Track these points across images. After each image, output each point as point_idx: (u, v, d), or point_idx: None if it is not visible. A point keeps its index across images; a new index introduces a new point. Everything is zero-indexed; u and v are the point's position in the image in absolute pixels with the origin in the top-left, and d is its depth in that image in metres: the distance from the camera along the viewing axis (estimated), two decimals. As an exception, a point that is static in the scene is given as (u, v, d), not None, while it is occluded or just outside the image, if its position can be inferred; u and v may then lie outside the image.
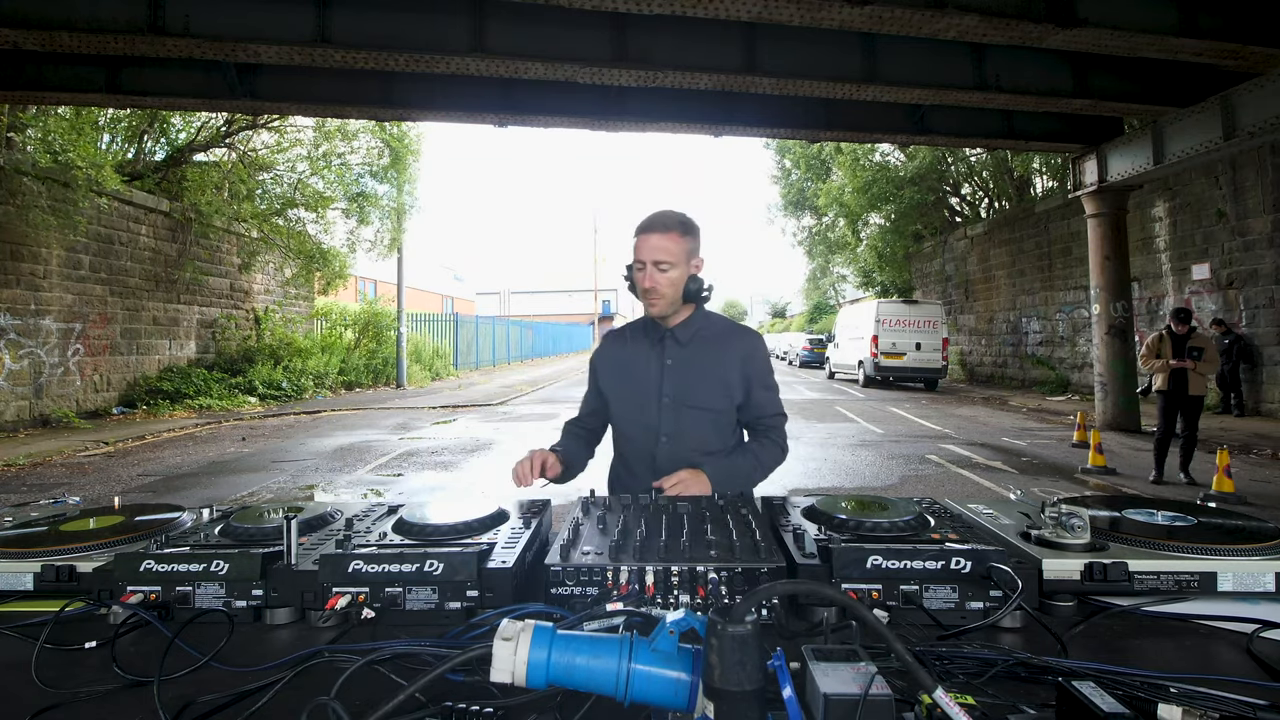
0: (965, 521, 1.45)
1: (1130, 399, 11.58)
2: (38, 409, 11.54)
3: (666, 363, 1.91)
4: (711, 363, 1.91)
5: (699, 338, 1.93)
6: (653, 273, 1.80)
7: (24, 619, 1.18)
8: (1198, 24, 7.22)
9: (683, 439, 1.88)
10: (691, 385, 1.89)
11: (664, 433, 1.89)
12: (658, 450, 1.89)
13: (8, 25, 6.90)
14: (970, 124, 10.91)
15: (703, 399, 1.90)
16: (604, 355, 2.07)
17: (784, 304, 73.26)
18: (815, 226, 31.96)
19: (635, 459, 1.93)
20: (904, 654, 0.66)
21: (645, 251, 1.80)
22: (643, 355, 1.96)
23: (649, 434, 1.90)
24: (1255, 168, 11.83)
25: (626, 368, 1.98)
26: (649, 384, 1.92)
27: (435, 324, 26.64)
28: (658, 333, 1.95)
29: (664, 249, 1.80)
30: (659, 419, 1.89)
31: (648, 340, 1.97)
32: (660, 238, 1.80)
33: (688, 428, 1.89)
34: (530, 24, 7.78)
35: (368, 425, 12.58)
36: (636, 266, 1.83)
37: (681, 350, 1.91)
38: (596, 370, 2.08)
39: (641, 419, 1.92)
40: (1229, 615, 1.15)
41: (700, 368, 1.91)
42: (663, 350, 1.92)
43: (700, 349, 1.92)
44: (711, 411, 1.91)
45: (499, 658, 0.77)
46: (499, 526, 1.42)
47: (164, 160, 15.49)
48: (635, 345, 1.99)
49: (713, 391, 1.90)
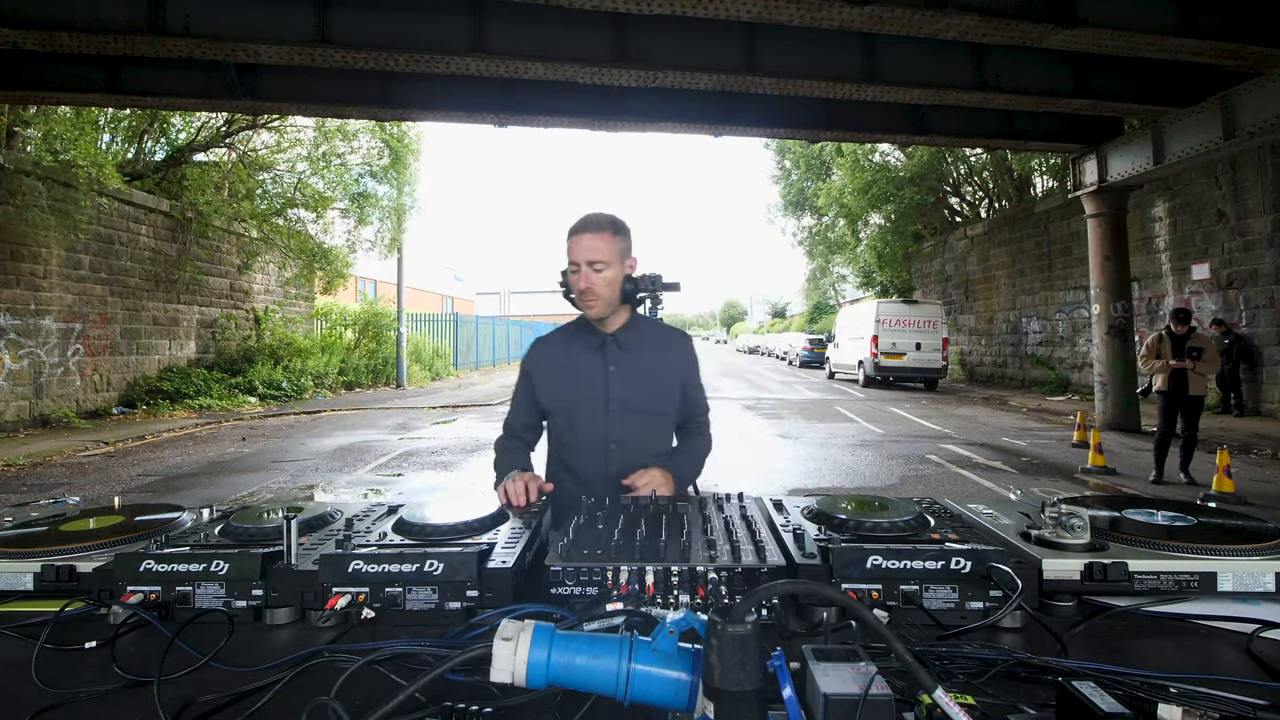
0: (965, 521, 1.45)
1: (1130, 399, 11.58)
2: (38, 409, 11.54)
3: (610, 369, 1.89)
4: (654, 367, 1.92)
5: (639, 342, 1.92)
6: (588, 273, 1.79)
7: (24, 619, 1.18)
8: (1198, 24, 7.22)
9: (632, 444, 1.87)
10: (637, 390, 1.89)
11: (613, 439, 1.87)
12: (609, 457, 1.86)
13: (8, 25, 6.90)
14: (970, 124, 10.91)
15: (650, 404, 1.91)
16: (539, 363, 1.98)
17: (784, 304, 73.23)
18: (815, 226, 31.97)
19: (585, 468, 1.88)
20: (904, 654, 0.66)
21: (579, 253, 1.79)
22: (584, 361, 1.91)
23: (599, 442, 1.87)
24: (1255, 168, 11.82)
25: (568, 375, 1.92)
26: (595, 391, 1.88)
27: (435, 324, 26.64)
28: (597, 338, 1.91)
29: (597, 249, 1.78)
30: (608, 426, 1.87)
31: (586, 346, 1.92)
32: (592, 238, 1.78)
33: (637, 433, 1.88)
34: (530, 24, 7.78)
35: (368, 425, 12.59)
36: (571, 269, 1.81)
37: (624, 355, 1.90)
38: (533, 379, 1.97)
39: (590, 427, 1.88)
40: (1229, 615, 1.15)
41: (644, 372, 1.90)
42: (605, 356, 1.89)
43: (641, 354, 1.91)
44: (659, 415, 1.94)
45: (499, 658, 0.77)
46: (499, 526, 1.42)
47: (164, 160, 15.49)
48: (574, 351, 1.93)
49: (657, 396, 1.92)
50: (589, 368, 1.90)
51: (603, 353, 1.90)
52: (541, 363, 1.98)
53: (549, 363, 1.97)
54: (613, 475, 1.83)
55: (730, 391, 19.44)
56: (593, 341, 1.91)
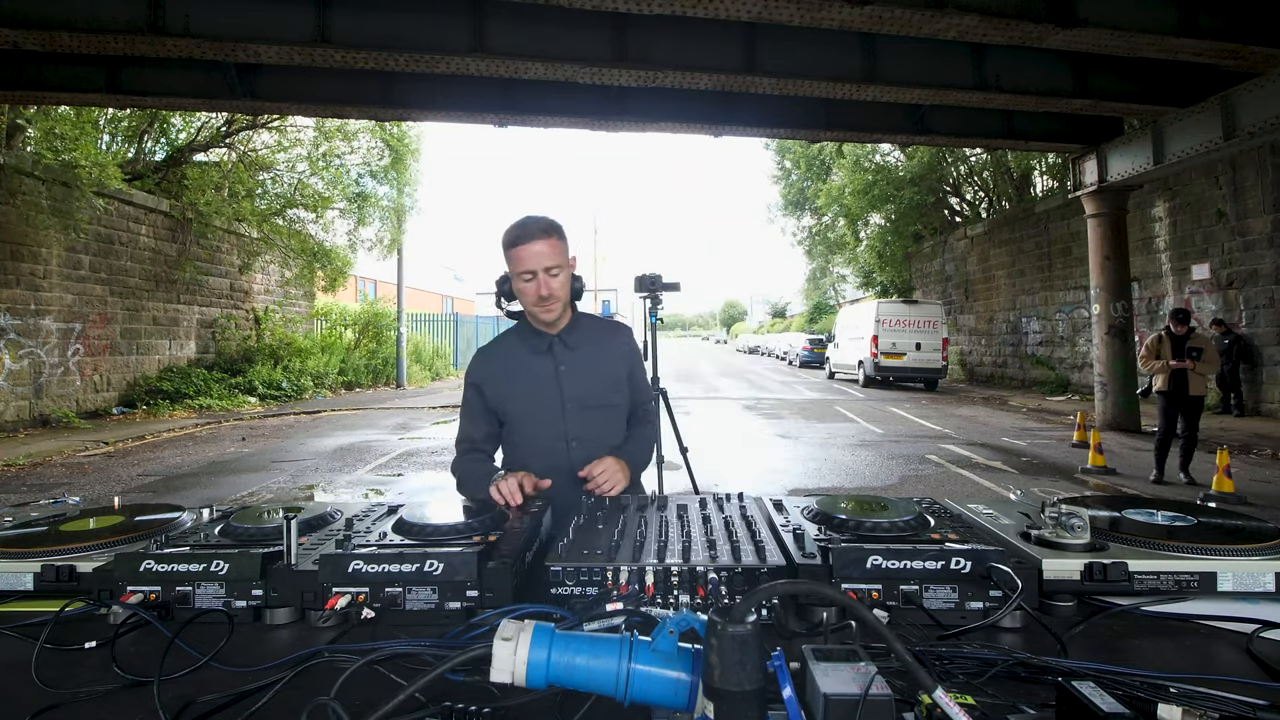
0: (965, 521, 1.45)
1: (1130, 399, 11.58)
2: (38, 409, 11.54)
3: (561, 368, 1.92)
4: (601, 361, 1.98)
5: (584, 339, 1.97)
6: (545, 279, 1.80)
7: (24, 619, 1.18)
8: (1198, 24, 7.22)
9: (591, 439, 1.90)
10: (589, 388, 1.94)
11: (572, 437, 1.91)
12: (571, 455, 1.89)
13: (8, 25, 6.90)
14: (970, 124, 10.91)
15: (600, 398, 1.96)
16: (487, 374, 1.97)
17: (784, 304, 73.20)
18: (815, 226, 31.97)
19: (548, 469, 1.84)
20: (904, 654, 0.66)
21: (533, 260, 1.79)
22: (534, 364, 1.93)
23: (558, 440, 1.91)
24: (1255, 168, 11.82)
25: (520, 380, 1.93)
26: (549, 392, 1.92)
27: (435, 324, 26.65)
28: (543, 340, 1.94)
29: (549, 255, 1.80)
30: (565, 424, 1.91)
31: (531, 349, 1.94)
32: (543, 244, 1.80)
33: (594, 428, 1.93)
34: (530, 24, 7.78)
35: (368, 425, 12.59)
36: (525, 277, 1.81)
37: (572, 354, 1.94)
38: (483, 391, 1.96)
39: (548, 428, 1.92)
40: (1229, 615, 1.15)
41: (593, 368, 1.96)
42: (554, 356, 1.93)
43: (587, 350, 1.96)
44: (612, 408, 2.00)
45: (499, 658, 0.77)
46: (499, 526, 1.42)
47: (164, 160, 15.49)
48: (520, 357, 1.95)
49: (609, 389, 1.98)
50: (539, 369, 1.93)
51: (551, 354, 1.93)
52: (490, 372, 1.98)
53: (498, 370, 1.97)
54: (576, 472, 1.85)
55: (730, 391, 19.44)
56: (539, 344, 1.94)
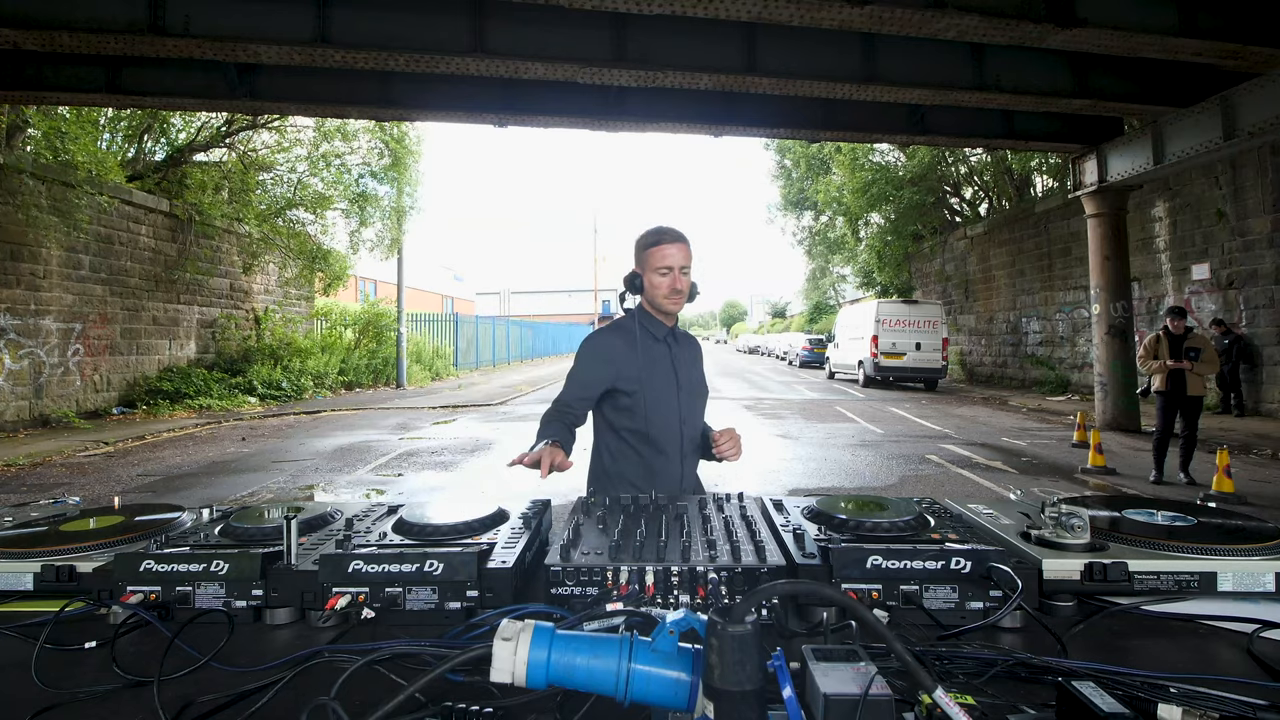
0: (965, 521, 1.45)
1: (1130, 399, 11.58)
2: (38, 409, 11.54)
3: (676, 359, 2.20)
4: (695, 360, 2.31)
5: (683, 339, 2.28)
6: (679, 276, 2.09)
7: (24, 619, 1.18)
8: (1198, 24, 7.22)
9: (694, 421, 2.22)
10: (693, 376, 2.25)
11: (683, 418, 2.18)
12: (683, 431, 2.18)
13: (8, 25, 6.90)
14: (970, 124, 10.91)
15: (699, 389, 2.27)
16: (615, 349, 2.15)
17: (784, 304, 73.20)
18: (815, 226, 31.98)
19: (668, 442, 2.16)
20: (904, 654, 0.66)
21: (675, 258, 2.08)
22: (657, 352, 2.18)
23: (673, 419, 2.17)
24: (1255, 168, 11.82)
25: (645, 362, 2.15)
26: (668, 375, 2.18)
27: (435, 324, 26.64)
28: (660, 330, 2.20)
29: (685, 256, 2.11)
30: (680, 405, 2.18)
31: (653, 338, 2.19)
32: (679, 247, 2.10)
33: (695, 413, 2.23)
34: (530, 24, 7.78)
35: (368, 425, 12.58)
36: (662, 271, 2.09)
37: (679, 348, 2.24)
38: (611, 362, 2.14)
39: (668, 406, 2.17)
40: (1229, 615, 1.15)
41: (692, 362, 2.27)
42: (670, 349, 2.20)
43: (686, 348, 2.27)
44: (705, 397, 2.31)
45: (499, 658, 0.77)
46: (499, 526, 1.42)
47: (164, 160, 15.49)
48: (646, 342, 2.18)
49: (703, 381, 2.31)
50: (660, 355, 2.19)
51: (668, 344, 2.21)
52: (618, 347, 2.17)
53: (625, 348, 2.16)
54: (685, 449, 2.17)
55: (730, 391, 19.44)
56: (658, 333, 2.20)
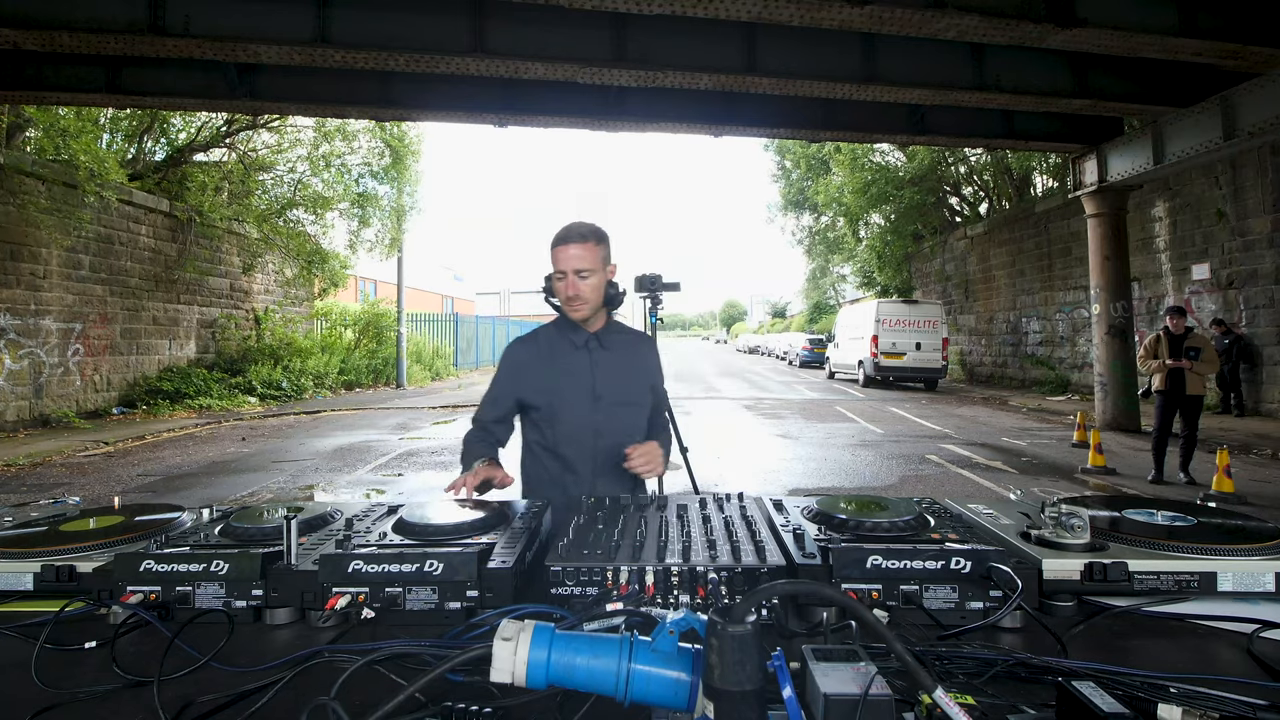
0: (965, 521, 1.45)
1: (1130, 399, 11.58)
2: (38, 409, 11.54)
3: (596, 364, 2.07)
4: (631, 364, 2.14)
5: (616, 343, 2.12)
6: (574, 280, 1.95)
7: (24, 619, 1.18)
8: (1198, 24, 7.22)
9: (616, 434, 2.04)
10: (619, 385, 2.09)
11: (598, 430, 2.05)
12: (597, 446, 2.04)
13: (8, 25, 6.90)
14: (970, 124, 10.90)
15: (629, 396, 2.11)
16: (523, 362, 2.11)
17: (784, 304, 73.17)
18: (815, 226, 31.97)
19: (576, 457, 2.05)
20: (904, 654, 0.66)
21: (566, 261, 1.95)
22: (571, 358, 2.07)
23: (585, 432, 2.05)
24: (1255, 168, 11.82)
25: (556, 371, 2.06)
26: (583, 385, 2.05)
27: (435, 324, 26.65)
28: (581, 336, 2.08)
29: (582, 258, 1.95)
30: (595, 417, 2.04)
31: (570, 344, 2.08)
32: (578, 248, 1.94)
33: (619, 423, 2.07)
34: (530, 24, 7.77)
35: (368, 425, 12.58)
36: (557, 276, 1.97)
37: (606, 354, 2.09)
38: (519, 375, 2.10)
39: (580, 419, 2.05)
40: (1229, 615, 1.15)
41: (623, 369, 2.11)
42: (590, 354, 2.07)
43: (619, 352, 2.12)
44: (635, 407, 2.14)
45: (499, 658, 0.77)
46: (499, 526, 1.42)
47: (164, 160, 15.49)
48: (559, 350, 2.09)
49: (634, 391, 2.14)
50: (576, 363, 2.06)
51: (587, 350, 2.07)
52: (526, 360, 2.11)
53: (534, 360, 2.10)
54: (600, 462, 2.03)
55: (730, 391, 19.44)
56: (577, 340, 2.08)
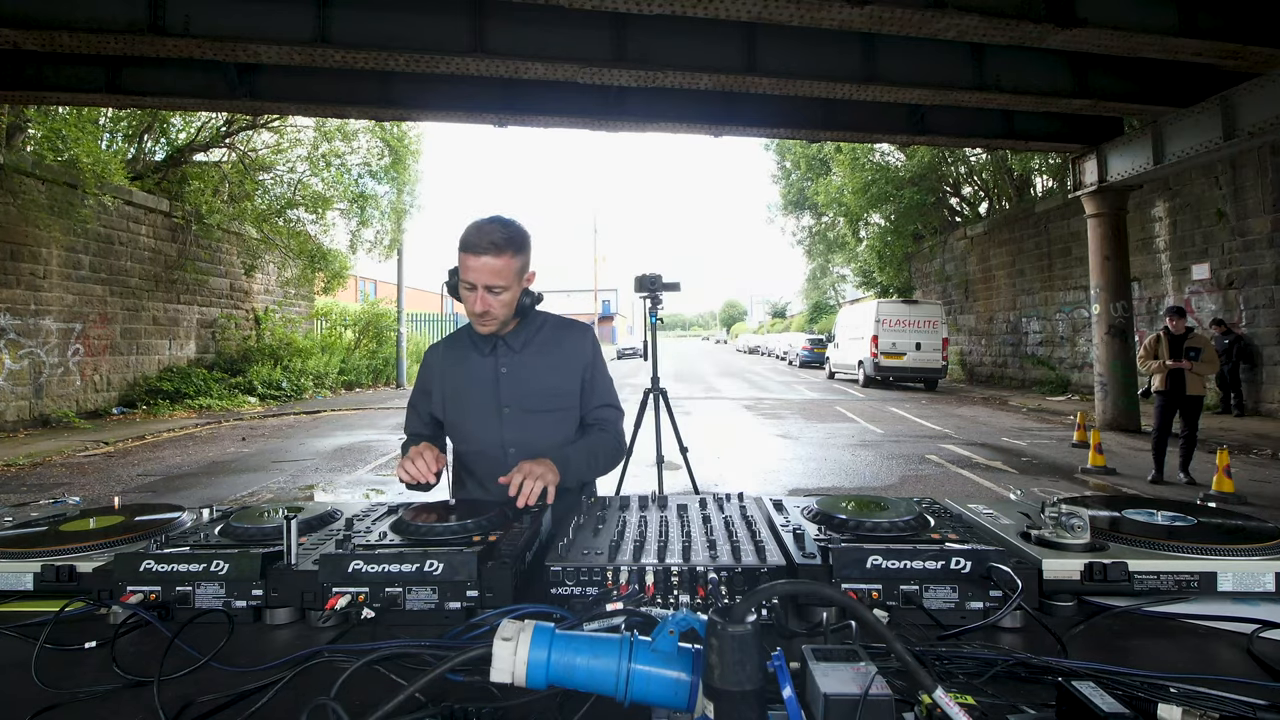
0: (965, 521, 1.45)
1: (1130, 399, 11.58)
2: (38, 409, 11.54)
3: (501, 371, 1.86)
4: (548, 365, 1.88)
5: (531, 340, 1.89)
6: (485, 295, 1.71)
7: (24, 619, 1.18)
8: (1198, 24, 7.22)
9: (529, 445, 1.80)
10: (530, 391, 1.86)
11: (509, 443, 1.84)
12: (507, 460, 1.80)
13: (8, 25, 6.89)
14: (970, 124, 10.90)
15: (543, 402, 1.87)
16: (434, 372, 1.94)
17: (784, 304, 73.19)
18: (815, 226, 31.98)
19: (486, 474, 1.82)
20: (904, 654, 0.66)
21: (475, 273, 1.69)
22: (475, 366, 1.87)
23: (494, 446, 1.85)
24: (1255, 168, 11.82)
25: (461, 382, 1.89)
26: (486, 395, 1.86)
27: (435, 324, 26.68)
28: (488, 342, 1.87)
29: (496, 271, 1.69)
30: (502, 430, 1.85)
31: (477, 350, 1.88)
32: (492, 259, 1.68)
33: (533, 433, 1.84)
34: (530, 24, 7.77)
35: (368, 425, 12.58)
36: (465, 285, 1.72)
37: (516, 357, 1.87)
38: (429, 390, 1.93)
39: (486, 433, 1.86)
40: (1229, 615, 1.15)
41: (536, 371, 1.87)
42: (495, 360, 1.87)
43: (534, 353, 1.88)
44: (555, 413, 1.89)
45: (499, 658, 0.77)
46: (499, 526, 1.42)
47: (164, 160, 15.49)
48: (465, 357, 1.89)
49: (552, 393, 1.88)
50: (480, 372, 1.87)
51: (494, 356, 1.87)
52: (435, 371, 1.93)
53: (442, 371, 1.92)
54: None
55: (730, 391, 19.44)
56: (484, 345, 1.88)
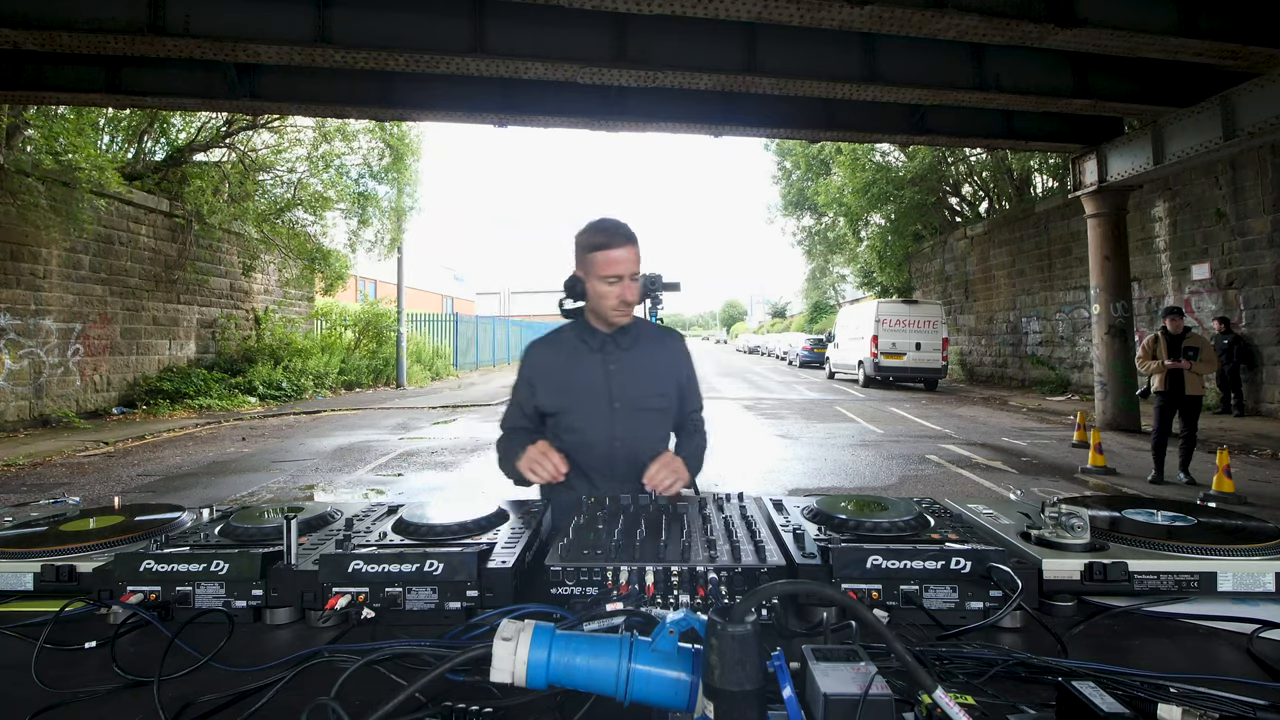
0: (965, 521, 1.45)
1: (1130, 399, 11.58)
2: (38, 409, 11.54)
3: (610, 369, 1.95)
4: (651, 366, 2.00)
5: (636, 342, 1.99)
6: (629, 284, 1.84)
7: (24, 619, 1.18)
8: (1198, 24, 7.22)
9: (635, 440, 1.93)
10: (638, 389, 1.96)
11: (618, 436, 1.94)
12: (614, 453, 1.93)
13: (8, 25, 6.89)
14: (970, 124, 10.91)
15: (649, 401, 1.98)
16: (540, 367, 2.01)
17: (784, 304, 73.19)
18: (815, 226, 31.99)
19: (592, 465, 1.94)
20: (904, 654, 0.66)
21: (621, 265, 1.82)
22: (585, 363, 1.96)
23: (603, 439, 1.94)
24: (1255, 168, 11.83)
25: (570, 376, 1.96)
26: (598, 391, 1.94)
27: (435, 324, 26.65)
28: (596, 339, 1.96)
29: (636, 259, 1.85)
30: (613, 424, 1.94)
31: (586, 347, 1.97)
32: (630, 250, 1.83)
33: (639, 429, 1.95)
34: (530, 24, 7.77)
35: (368, 425, 12.58)
36: (610, 280, 1.83)
37: (624, 355, 1.97)
38: (533, 382, 2.00)
39: (594, 425, 1.94)
40: (1229, 615, 1.15)
41: (642, 371, 1.98)
42: (604, 357, 1.96)
43: (639, 353, 1.98)
44: (657, 411, 2.01)
45: (499, 658, 0.77)
46: (499, 526, 1.42)
47: (164, 160, 15.49)
48: (573, 353, 1.98)
49: (656, 393, 2.00)
50: (591, 368, 1.96)
51: (603, 353, 1.96)
52: (540, 365, 2.01)
53: (548, 365, 2.00)
54: (618, 471, 1.92)
55: (730, 391, 19.43)
56: (593, 342, 1.97)
